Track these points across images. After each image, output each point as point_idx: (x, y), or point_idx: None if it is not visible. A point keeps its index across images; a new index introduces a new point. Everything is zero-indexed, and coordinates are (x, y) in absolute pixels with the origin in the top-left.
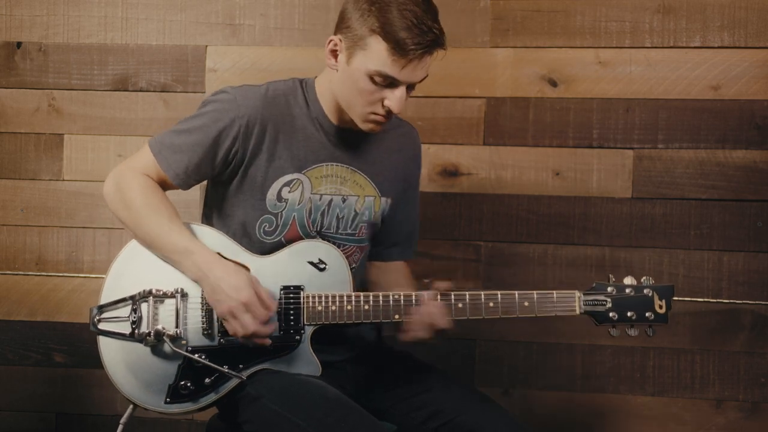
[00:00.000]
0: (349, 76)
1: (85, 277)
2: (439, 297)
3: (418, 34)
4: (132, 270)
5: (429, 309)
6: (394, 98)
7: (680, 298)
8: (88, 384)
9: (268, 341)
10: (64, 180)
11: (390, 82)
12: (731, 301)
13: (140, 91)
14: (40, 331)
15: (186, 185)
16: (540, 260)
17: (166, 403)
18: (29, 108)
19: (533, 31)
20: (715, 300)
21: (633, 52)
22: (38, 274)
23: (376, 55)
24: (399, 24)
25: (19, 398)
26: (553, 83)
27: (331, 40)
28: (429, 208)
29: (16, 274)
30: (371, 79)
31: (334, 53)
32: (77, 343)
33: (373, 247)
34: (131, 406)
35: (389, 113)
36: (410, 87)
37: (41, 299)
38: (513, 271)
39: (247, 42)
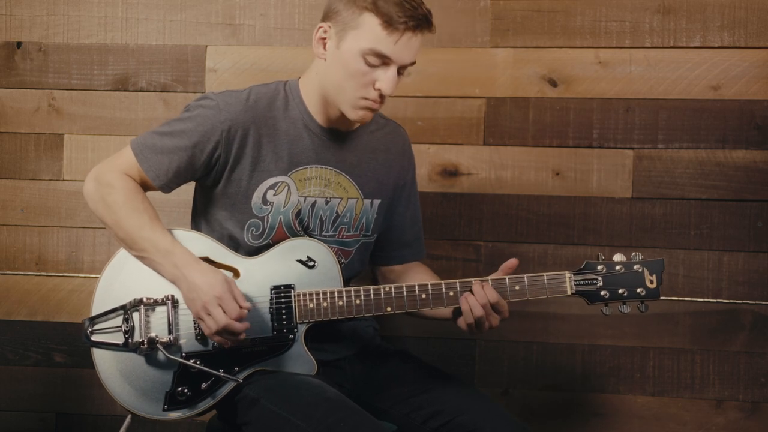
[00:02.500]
0: (339, 59)
1: (85, 277)
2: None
3: (409, 8)
4: (121, 280)
5: (478, 292)
6: (386, 79)
7: (680, 298)
8: (88, 384)
9: (243, 335)
10: (64, 180)
11: (382, 62)
12: (731, 301)
13: (140, 91)
14: (40, 331)
15: (167, 187)
16: (540, 260)
17: (164, 410)
18: (29, 108)
19: (533, 31)
20: (715, 300)
21: (633, 52)
22: (38, 274)
23: (368, 31)
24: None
25: (19, 398)
26: (553, 83)
27: (320, 27)
28: (429, 208)
29: (16, 274)
30: (364, 59)
31: (323, 41)
32: (77, 343)
33: (384, 251)
34: (129, 416)
35: (381, 98)
36: (400, 72)
37: (41, 299)
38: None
39: (247, 42)
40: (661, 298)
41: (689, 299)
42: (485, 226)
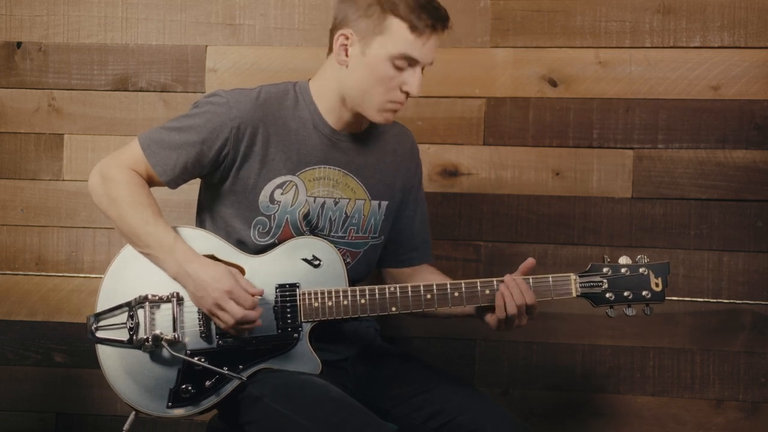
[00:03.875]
0: (365, 66)
1: (85, 277)
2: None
3: (432, 9)
4: (127, 277)
5: (516, 293)
6: (414, 80)
7: (680, 298)
8: (88, 384)
9: (260, 323)
10: (64, 180)
11: (408, 65)
12: (731, 301)
13: (140, 91)
14: (40, 331)
15: (174, 183)
16: (540, 260)
17: (168, 407)
18: (29, 108)
19: (533, 31)
20: (715, 300)
21: (633, 52)
22: (38, 274)
23: (397, 36)
24: (413, 3)
25: (19, 398)
26: (553, 83)
27: (341, 35)
28: (429, 208)
29: (16, 274)
30: (392, 63)
31: (345, 47)
32: (77, 343)
33: (393, 254)
34: (133, 413)
35: (406, 98)
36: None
37: (41, 299)
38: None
39: (247, 42)
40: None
41: (689, 299)
42: (485, 226)
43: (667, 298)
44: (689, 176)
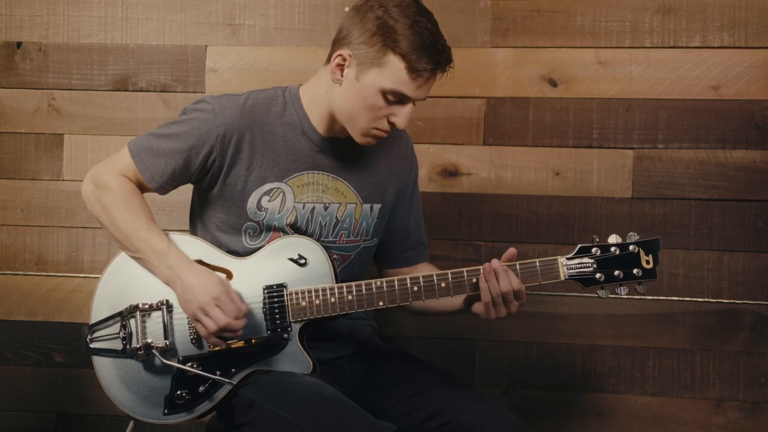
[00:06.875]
0: (357, 91)
1: (85, 277)
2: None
3: (435, 53)
4: (118, 286)
5: (503, 279)
6: (402, 115)
7: (680, 298)
8: (88, 384)
9: (240, 332)
10: (64, 180)
11: (399, 99)
12: (731, 301)
13: (140, 91)
14: (40, 331)
15: (162, 189)
16: None
17: (164, 414)
18: (29, 108)
19: (533, 31)
20: (715, 300)
21: (633, 52)
22: (38, 274)
23: (393, 73)
24: (417, 43)
25: (19, 398)
26: (553, 83)
27: (339, 55)
28: (429, 208)
29: (16, 274)
30: (384, 96)
31: (341, 68)
32: (77, 343)
33: (389, 254)
34: (132, 421)
35: (391, 128)
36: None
37: (41, 299)
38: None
39: (247, 42)
40: (661, 297)
41: (689, 299)
42: (485, 226)
43: (667, 297)
44: (689, 176)
